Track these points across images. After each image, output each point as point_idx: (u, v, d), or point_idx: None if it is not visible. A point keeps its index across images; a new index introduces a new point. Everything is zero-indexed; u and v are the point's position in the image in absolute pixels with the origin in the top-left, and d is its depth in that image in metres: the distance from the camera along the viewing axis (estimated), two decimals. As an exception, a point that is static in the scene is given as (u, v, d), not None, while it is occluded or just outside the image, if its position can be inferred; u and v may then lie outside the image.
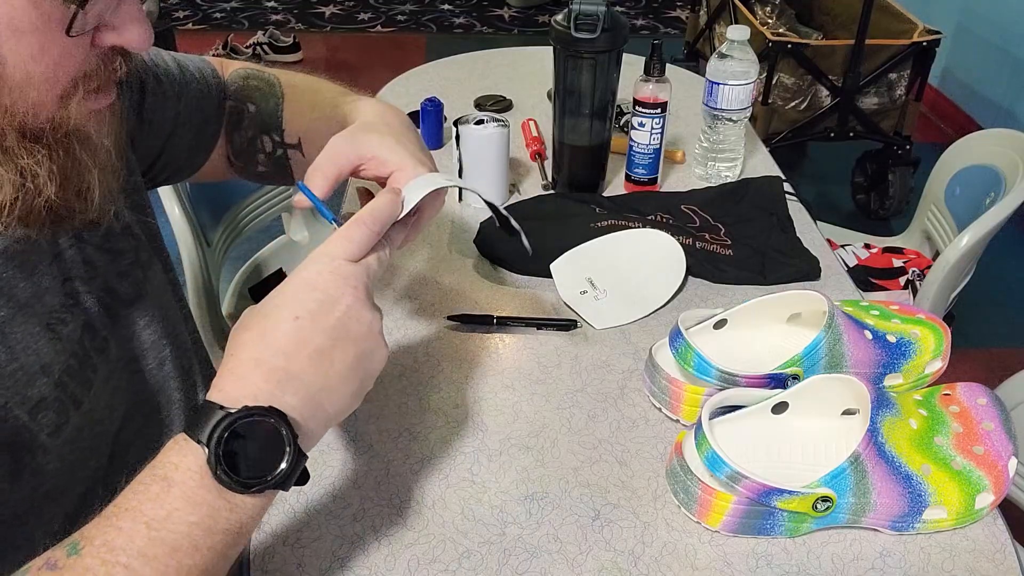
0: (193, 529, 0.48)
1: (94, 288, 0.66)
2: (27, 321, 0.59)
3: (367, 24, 4.10)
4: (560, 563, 0.67)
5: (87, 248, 0.66)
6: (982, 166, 1.49)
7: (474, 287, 0.99)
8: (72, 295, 0.63)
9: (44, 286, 0.61)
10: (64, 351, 0.61)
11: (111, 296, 0.68)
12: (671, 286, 0.97)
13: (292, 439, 0.51)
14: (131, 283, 0.70)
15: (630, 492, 0.73)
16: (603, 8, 1.03)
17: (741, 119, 1.18)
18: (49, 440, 0.60)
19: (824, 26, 2.85)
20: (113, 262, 0.69)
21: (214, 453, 0.49)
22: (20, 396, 0.58)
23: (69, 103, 0.54)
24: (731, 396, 0.73)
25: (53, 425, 0.60)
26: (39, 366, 0.59)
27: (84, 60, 0.53)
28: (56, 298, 0.61)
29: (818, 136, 2.46)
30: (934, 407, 0.74)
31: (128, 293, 0.70)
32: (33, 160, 0.54)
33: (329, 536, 0.69)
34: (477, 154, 1.11)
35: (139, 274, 0.71)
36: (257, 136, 0.85)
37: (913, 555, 0.68)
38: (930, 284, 1.42)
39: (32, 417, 0.59)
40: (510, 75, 1.55)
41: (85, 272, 0.65)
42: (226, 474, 0.49)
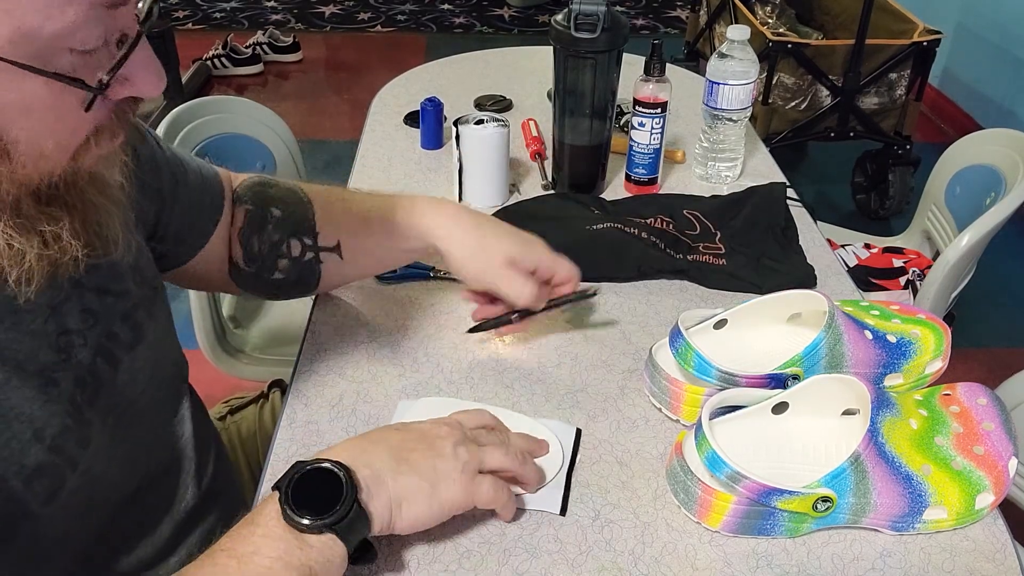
0: (274, 563, 0.55)
1: (92, 337, 0.64)
2: (23, 385, 0.57)
3: (367, 24, 4.10)
4: (560, 563, 0.67)
5: (87, 295, 0.64)
6: (982, 166, 1.49)
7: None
8: (65, 350, 0.61)
9: (38, 344, 0.59)
10: (58, 412, 0.59)
11: (112, 341, 0.66)
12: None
13: (351, 485, 0.58)
14: (131, 326, 0.68)
15: (630, 492, 0.73)
16: (603, 8, 1.03)
17: (741, 119, 1.18)
18: (42, 509, 0.59)
19: (824, 26, 2.85)
20: (115, 305, 0.67)
21: (284, 494, 0.57)
22: (16, 466, 0.57)
23: (82, 157, 0.54)
24: (731, 396, 0.73)
25: (47, 492, 0.59)
26: (32, 432, 0.57)
27: (97, 118, 0.53)
28: (49, 355, 0.60)
29: (818, 136, 2.46)
30: (934, 407, 0.74)
31: (129, 337, 0.68)
32: (54, 224, 0.53)
33: (329, 536, 0.69)
34: (477, 154, 1.11)
35: (142, 315, 0.69)
36: (284, 240, 0.84)
37: (913, 555, 0.68)
38: (930, 284, 1.42)
39: (26, 486, 0.57)
40: (510, 75, 1.55)
41: (83, 323, 0.63)
42: (291, 511, 0.57)
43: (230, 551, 0.56)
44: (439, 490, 0.63)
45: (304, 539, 0.57)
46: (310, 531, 0.57)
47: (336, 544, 0.57)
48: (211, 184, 0.83)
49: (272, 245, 0.84)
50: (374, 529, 0.60)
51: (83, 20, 0.46)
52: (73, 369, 0.62)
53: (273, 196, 0.85)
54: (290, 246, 0.84)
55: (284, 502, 0.57)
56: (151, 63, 0.52)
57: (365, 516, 0.59)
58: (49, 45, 0.46)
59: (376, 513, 0.60)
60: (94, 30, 0.48)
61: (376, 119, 1.39)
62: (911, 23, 2.40)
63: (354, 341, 0.90)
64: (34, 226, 0.53)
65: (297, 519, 0.56)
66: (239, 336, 1.43)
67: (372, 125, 1.37)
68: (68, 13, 0.45)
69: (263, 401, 1.10)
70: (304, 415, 0.81)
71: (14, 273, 0.52)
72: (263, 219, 0.84)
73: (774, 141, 2.39)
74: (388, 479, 0.61)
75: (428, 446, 0.64)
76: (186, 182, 0.80)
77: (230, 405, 1.09)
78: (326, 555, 0.57)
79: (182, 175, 0.79)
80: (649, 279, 1.01)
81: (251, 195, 0.85)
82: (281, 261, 0.84)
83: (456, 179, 1.14)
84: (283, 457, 0.76)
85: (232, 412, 1.08)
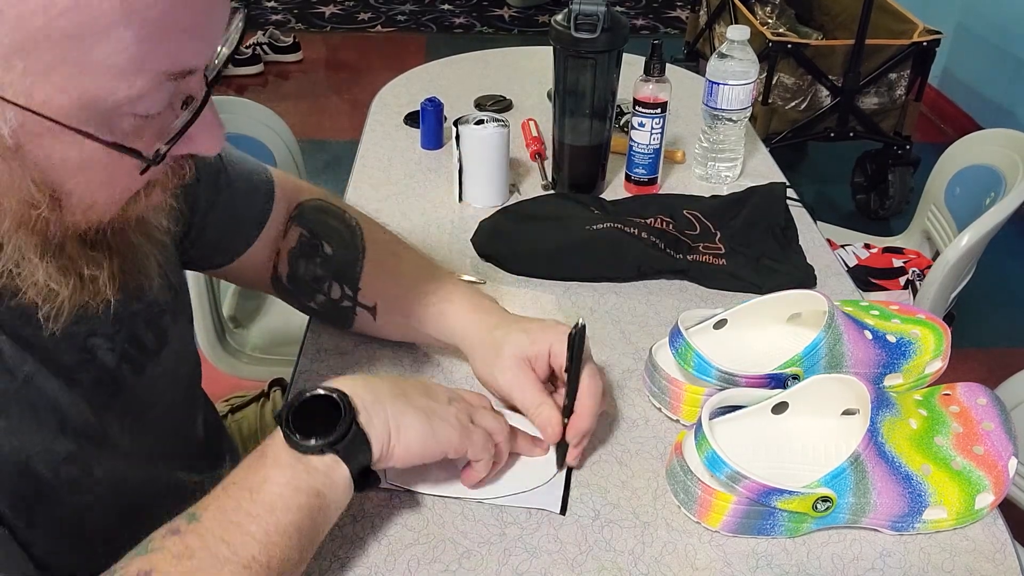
0: (284, 489, 0.58)
1: (118, 342, 0.65)
2: (51, 376, 0.58)
3: (367, 24, 4.10)
4: (560, 563, 0.67)
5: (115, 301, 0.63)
6: (982, 166, 1.49)
7: (474, 287, 0.99)
8: (90, 351, 0.63)
9: (65, 343, 0.60)
10: (82, 407, 0.61)
11: (138, 347, 0.67)
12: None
13: (349, 407, 0.61)
14: (156, 332, 0.69)
15: (630, 492, 0.73)
16: (603, 8, 1.03)
17: (741, 119, 1.18)
18: (68, 497, 0.60)
19: (824, 26, 2.85)
20: (141, 312, 0.68)
21: (285, 420, 0.60)
22: (46, 453, 0.58)
23: (131, 208, 0.54)
24: (731, 396, 0.73)
25: (72, 480, 0.60)
26: (57, 422, 0.59)
27: (153, 174, 0.53)
28: (73, 355, 0.61)
29: (818, 136, 2.46)
30: (934, 407, 0.74)
31: (154, 343, 0.69)
32: (94, 268, 0.54)
33: (329, 536, 0.69)
34: (477, 154, 1.11)
35: (167, 320, 0.71)
36: (327, 280, 0.83)
37: (913, 555, 0.68)
38: (930, 284, 1.42)
39: (54, 474, 0.59)
40: (510, 75, 1.55)
41: (112, 327, 0.65)
42: (292, 434, 0.59)
43: (242, 483, 0.59)
44: (435, 424, 0.65)
45: (309, 462, 0.59)
46: (313, 452, 0.59)
47: (339, 465, 0.60)
48: (258, 194, 0.82)
49: (315, 279, 0.83)
50: (374, 452, 0.62)
51: (151, 89, 0.46)
52: (95, 370, 0.63)
53: (330, 229, 0.84)
54: (331, 287, 0.83)
55: (285, 426, 0.60)
56: (213, 124, 0.52)
57: (364, 438, 0.61)
58: (114, 111, 0.46)
59: (375, 435, 0.62)
60: (159, 96, 0.47)
61: (376, 119, 1.39)
62: (911, 23, 2.40)
63: (354, 341, 0.90)
64: (75, 267, 0.53)
65: (299, 441, 0.59)
66: (239, 336, 1.43)
67: (372, 125, 1.37)
68: (136, 83, 0.45)
69: (264, 400, 1.10)
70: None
71: (45, 308, 0.53)
72: (314, 250, 0.83)
73: (774, 141, 2.39)
74: (387, 404, 0.63)
75: (425, 391, 0.68)
76: (229, 191, 0.79)
77: (231, 404, 1.09)
78: (331, 477, 0.60)
79: (225, 184, 0.79)
80: (649, 279, 1.01)
81: (309, 221, 0.84)
82: (319, 296, 0.84)
83: (456, 179, 1.14)
84: (283, 457, 0.76)
85: (233, 411, 1.08)
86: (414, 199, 1.16)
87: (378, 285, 0.84)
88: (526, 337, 0.76)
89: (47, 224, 0.49)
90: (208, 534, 0.55)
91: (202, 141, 0.52)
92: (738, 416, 0.73)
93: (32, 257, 0.50)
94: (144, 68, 0.45)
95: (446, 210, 1.14)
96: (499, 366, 0.76)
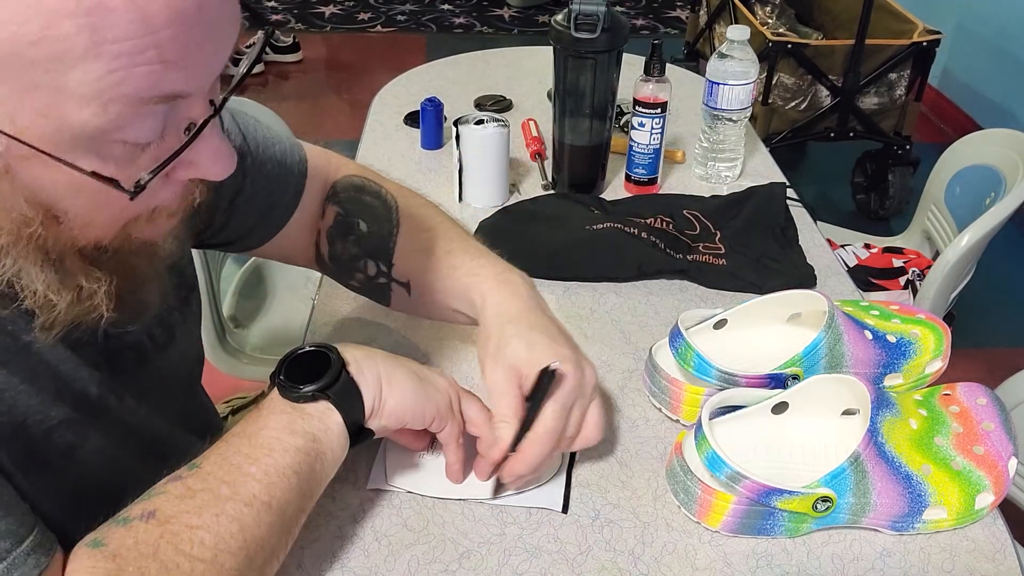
0: (280, 433, 0.61)
1: (134, 333, 0.66)
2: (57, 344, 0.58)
3: (367, 24, 4.10)
4: (560, 563, 0.67)
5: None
6: (982, 166, 1.49)
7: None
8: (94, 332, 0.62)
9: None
10: (82, 378, 0.61)
11: (150, 339, 0.68)
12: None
13: (339, 358, 0.64)
14: (165, 328, 0.70)
15: (630, 492, 0.73)
16: (603, 8, 1.03)
17: (741, 119, 1.18)
18: (59, 462, 0.60)
19: (824, 26, 2.85)
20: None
21: (279, 372, 0.63)
22: (40, 415, 0.58)
23: (133, 229, 0.54)
24: (731, 396, 0.73)
25: (66, 447, 0.60)
26: (55, 388, 0.59)
27: (154, 199, 0.52)
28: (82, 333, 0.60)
29: (818, 136, 2.46)
30: (934, 407, 0.74)
31: (162, 338, 0.70)
32: (93, 282, 0.54)
33: (329, 536, 0.69)
34: (477, 154, 1.11)
35: (176, 318, 0.71)
36: (362, 258, 0.83)
37: (913, 555, 0.68)
38: (930, 284, 1.42)
39: (46, 437, 0.59)
40: (510, 75, 1.55)
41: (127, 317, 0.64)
42: (285, 382, 0.63)
43: (239, 432, 0.61)
44: (427, 387, 0.67)
45: (302, 409, 0.62)
46: (306, 399, 0.62)
47: (331, 411, 0.63)
48: (290, 177, 0.81)
49: (351, 257, 0.84)
50: (366, 403, 0.64)
51: (131, 117, 0.45)
52: (96, 353, 0.63)
53: (366, 206, 0.83)
54: (366, 265, 0.84)
55: (279, 377, 0.63)
56: (219, 148, 0.52)
57: (355, 387, 0.64)
58: (100, 138, 0.46)
59: (366, 386, 0.64)
60: (148, 124, 0.47)
61: (376, 119, 1.39)
62: (911, 23, 2.40)
63: (354, 341, 0.90)
64: (74, 280, 0.53)
65: (291, 388, 0.62)
66: (239, 336, 1.43)
67: (372, 125, 1.37)
68: (111, 110, 0.44)
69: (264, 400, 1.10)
70: (304, 415, 0.81)
71: (40, 319, 0.54)
72: (349, 228, 0.83)
73: (774, 141, 2.39)
74: (379, 361, 0.66)
75: (418, 367, 0.70)
76: (257, 176, 0.78)
77: (231, 405, 1.09)
78: (325, 423, 0.62)
79: (252, 168, 0.78)
80: (649, 279, 1.01)
81: (345, 198, 0.83)
82: (357, 275, 0.84)
83: (456, 179, 1.14)
84: (283, 457, 0.76)
85: (234, 412, 1.08)
86: (414, 199, 1.16)
87: (411, 261, 0.83)
88: (527, 352, 0.72)
89: (44, 240, 0.50)
90: (209, 476, 0.58)
91: (207, 167, 0.52)
92: (738, 416, 0.73)
93: (31, 268, 0.50)
94: (119, 95, 0.44)
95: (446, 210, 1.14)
96: (493, 363, 0.74)
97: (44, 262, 0.51)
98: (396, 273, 0.83)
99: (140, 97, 0.45)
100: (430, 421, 0.67)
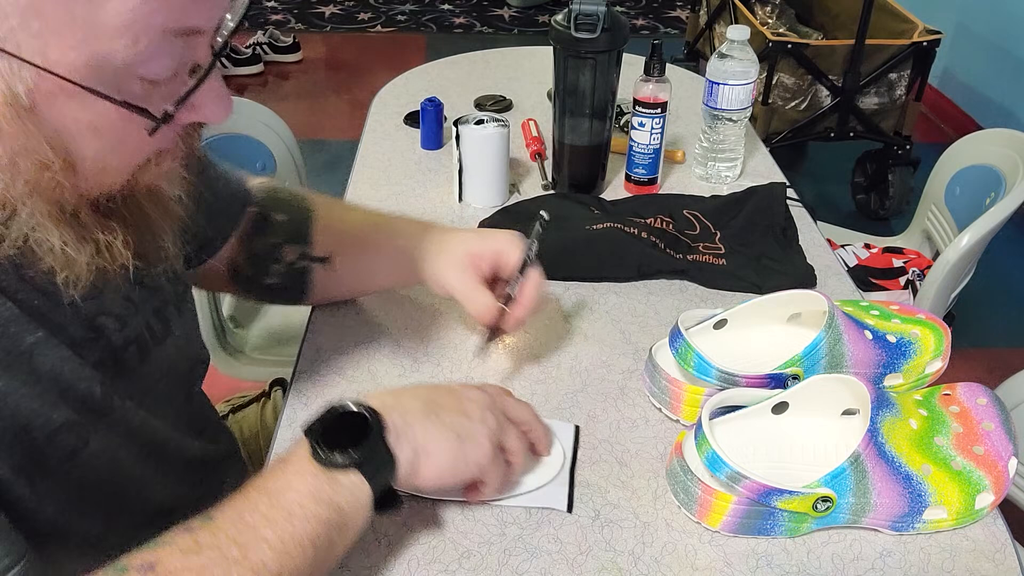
0: (304, 499, 0.57)
1: (132, 325, 0.66)
2: (59, 345, 0.59)
3: (367, 24, 4.10)
4: (560, 563, 0.67)
5: (128, 284, 0.65)
6: (982, 166, 1.49)
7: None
8: (98, 329, 0.63)
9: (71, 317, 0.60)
10: (85, 378, 0.61)
11: (147, 331, 0.68)
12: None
13: (378, 425, 0.60)
14: (161, 320, 0.70)
15: (630, 492, 0.73)
16: (603, 8, 1.03)
17: (741, 119, 1.18)
18: (60, 465, 0.60)
19: (824, 26, 2.85)
20: (149, 299, 0.69)
21: (315, 433, 0.59)
22: (42, 419, 0.58)
23: (141, 175, 0.55)
24: (731, 396, 0.73)
25: (68, 451, 0.60)
26: (58, 391, 0.59)
27: (162, 141, 0.54)
28: (80, 331, 0.61)
29: (818, 136, 2.46)
30: (934, 407, 0.74)
31: (160, 330, 0.70)
32: (109, 234, 0.55)
33: (329, 536, 0.69)
34: (477, 154, 1.11)
35: (171, 311, 0.72)
36: (280, 245, 0.85)
37: (913, 555, 0.68)
38: (930, 284, 1.42)
39: (48, 441, 0.59)
40: (510, 75, 1.55)
41: (124, 309, 0.65)
42: (321, 447, 0.59)
43: (261, 488, 0.58)
44: (465, 446, 0.64)
45: (333, 477, 0.58)
46: (338, 467, 0.58)
47: (363, 484, 0.59)
48: (238, 191, 0.85)
49: (270, 248, 0.85)
50: (399, 474, 0.61)
51: (155, 50, 0.48)
52: (100, 350, 0.63)
53: (279, 201, 0.87)
54: (284, 251, 0.85)
55: (314, 439, 0.59)
56: (219, 93, 0.54)
57: (391, 458, 0.60)
58: (122, 73, 0.48)
59: (402, 457, 0.61)
60: (165, 61, 0.49)
61: (376, 119, 1.39)
62: (911, 23, 2.40)
63: (354, 341, 0.90)
64: (90, 234, 0.54)
65: (326, 455, 0.58)
66: (239, 336, 1.43)
67: (372, 125, 1.37)
68: (141, 41, 0.47)
69: (265, 400, 1.10)
70: (304, 415, 0.81)
71: (63, 275, 0.54)
72: (265, 221, 0.85)
73: (774, 141, 2.39)
74: (416, 426, 0.63)
75: (458, 403, 0.66)
76: (215, 189, 0.81)
77: (231, 404, 1.09)
78: (354, 494, 0.59)
79: (213, 179, 0.81)
80: (649, 279, 1.01)
81: (261, 198, 0.86)
82: (275, 266, 0.86)
83: (456, 179, 1.14)
84: (283, 457, 0.76)
85: (234, 411, 1.08)
86: (414, 199, 1.16)
87: (331, 234, 0.86)
88: (476, 236, 0.81)
89: (61, 189, 0.51)
90: (220, 533, 0.54)
91: (209, 109, 0.54)
92: (738, 416, 0.73)
93: (47, 223, 0.51)
94: (149, 25, 0.46)
95: (446, 210, 1.14)
96: (444, 262, 0.80)
97: (59, 217, 0.52)
98: (316, 250, 0.85)
99: (166, 28, 0.48)
100: (469, 480, 0.67)
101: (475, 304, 0.79)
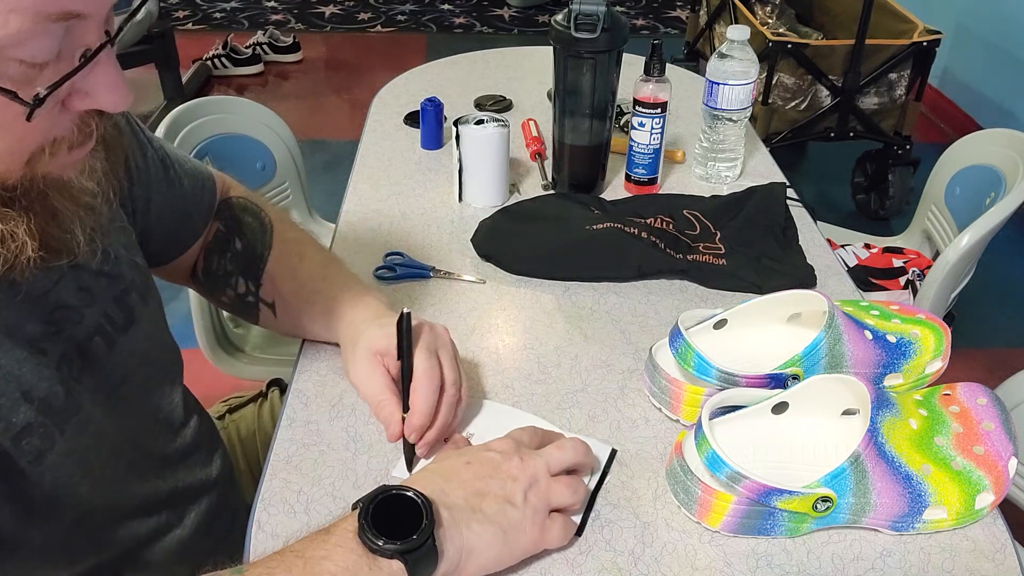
0: (341, 572, 0.55)
1: (90, 316, 0.65)
2: (15, 347, 0.58)
3: (367, 24, 4.10)
4: (560, 563, 0.67)
5: (83, 275, 0.65)
6: (982, 166, 1.49)
7: (472, 286, 0.99)
8: (57, 323, 0.63)
9: (27, 314, 0.60)
10: (47, 377, 0.61)
11: (107, 322, 0.68)
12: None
13: (431, 517, 0.58)
14: (123, 309, 0.70)
15: (630, 492, 0.73)
16: (603, 8, 1.03)
17: (741, 119, 1.18)
18: (31, 467, 0.59)
19: (824, 26, 2.85)
20: (109, 287, 0.68)
21: (365, 510, 0.58)
22: (4, 423, 0.57)
23: (38, 164, 0.53)
24: (731, 396, 0.73)
25: (36, 452, 0.60)
26: (20, 392, 0.58)
27: (52, 128, 0.52)
28: (38, 327, 0.61)
29: (818, 136, 2.46)
30: (934, 407, 0.74)
31: (121, 319, 0.70)
32: (9, 224, 0.53)
33: (329, 536, 0.69)
34: (477, 154, 1.11)
35: (135, 298, 0.71)
36: (235, 275, 0.86)
37: (913, 555, 0.68)
38: (930, 284, 1.42)
39: (15, 444, 0.58)
40: (510, 75, 1.55)
41: (79, 300, 0.65)
42: (369, 529, 0.57)
43: (299, 552, 0.56)
44: (509, 538, 0.63)
45: (375, 560, 0.56)
46: (383, 554, 0.56)
47: (403, 574, 0.57)
48: (206, 191, 0.86)
49: (225, 273, 0.86)
50: (441, 570, 0.59)
51: (29, 32, 0.45)
52: (63, 343, 0.63)
53: (245, 225, 0.87)
54: (237, 283, 0.86)
55: (363, 518, 0.57)
56: (114, 80, 0.51)
57: (436, 553, 0.58)
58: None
59: (448, 555, 0.59)
60: (44, 43, 0.47)
61: (376, 119, 1.39)
62: (911, 23, 2.40)
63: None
64: None
65: (373, 538, 0.56)
66: (239, 336, 1.43)
67: (372, 125, 1.37)
68: (11, 23, 0.45)
69: (262, 400, 1.10)
70: (304, 415, 0.81)
71: None
72: (226, 244, 0.86)
73: (774, 141, 2.39)
74: (463, 525, 0.61)
75: (501, 487, 0.64)
76: (179, 187, 0.82)
77: (229, 404, 1.09)
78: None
79: (176, 179, 0.81)
80: (649, 279, 1.01)
81: (227, 216, 0.87)
82: (228, 291, 0.87)
83: (456, 179, 1.14)
84: (283, 457, 0.76)
85: (231, 411, 1.08)
86: (414, 199, 1.16)
87: (277, 282, 0.86)
88: (380, 332, 0.75)
89: None
90: None
91: (103, 96, 0.52)
92: (738, 416, 0.73)
93: None
94: (19, 8, 0.44)
95: (446, 210, 1.14)
96: (353, 359, 0.77)
97: None
98: (263, 293, 0.86)
99: (39, 11, 0.45)
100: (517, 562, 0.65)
101: (380, 416, 0.74)
